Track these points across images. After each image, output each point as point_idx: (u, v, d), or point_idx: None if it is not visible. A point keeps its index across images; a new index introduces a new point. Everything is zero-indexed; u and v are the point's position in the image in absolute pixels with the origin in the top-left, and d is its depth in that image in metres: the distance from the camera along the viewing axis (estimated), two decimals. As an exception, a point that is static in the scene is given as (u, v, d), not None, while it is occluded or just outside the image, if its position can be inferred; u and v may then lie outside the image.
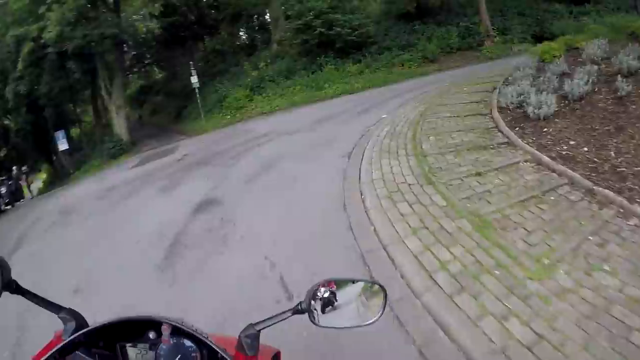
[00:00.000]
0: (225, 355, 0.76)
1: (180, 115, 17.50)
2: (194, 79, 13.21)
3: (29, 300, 0.84)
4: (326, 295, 0.85)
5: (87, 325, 0.84)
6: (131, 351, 0.84)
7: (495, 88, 6.51)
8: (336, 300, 0.86)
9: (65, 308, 0.86)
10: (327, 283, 0.86)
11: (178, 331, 0.81)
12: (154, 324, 0.82)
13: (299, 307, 0.82)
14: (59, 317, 0.85)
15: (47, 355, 0.74)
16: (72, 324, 0.83)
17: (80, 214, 6.62)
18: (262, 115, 12.04)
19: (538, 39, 14.85)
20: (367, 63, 13.66)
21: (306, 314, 0.83)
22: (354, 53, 13.96)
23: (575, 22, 15.55)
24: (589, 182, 3.20)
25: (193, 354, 0.82)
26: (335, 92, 12.19)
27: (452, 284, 2.36)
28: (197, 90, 13.37)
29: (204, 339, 0.78)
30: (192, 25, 19.78)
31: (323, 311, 0.85)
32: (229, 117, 12.90)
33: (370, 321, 0.86)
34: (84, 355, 0.79)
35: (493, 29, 14.32)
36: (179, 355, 0.81)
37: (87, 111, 21.96)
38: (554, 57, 6.43)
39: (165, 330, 0.80)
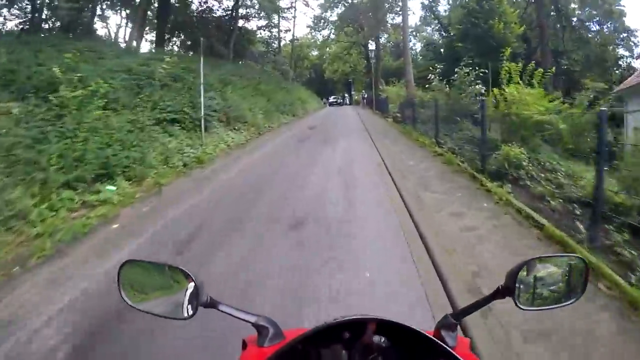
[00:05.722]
0: (448, 349, 0.66)
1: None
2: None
3: (222, 312, 0.79)
4: (526, 275, 0.76)
5: (282, 333, 0.79)
6: (325, 352, 0.73)
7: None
8: (537, 280, 0.77)
9: (260, 316, 0.80)
10: (527, 262, 0.76)
11: (381, 330, 0.72)
12: (350, 325, 0.72)
13: (499, 289, 0.75)
14: (253, 325, 0.79)
15: None
16: (268, 332, 0.77)
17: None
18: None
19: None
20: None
21: (507, 298, 0.75)
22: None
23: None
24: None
25: (389, 352, 0.72)
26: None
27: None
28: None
29: (420, 331, 0.69)
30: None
31: (525, 292, 0.76)
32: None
33: (573, 299, 0.78)
34: None
35: None
36: (374, 354, 0.71)
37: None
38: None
39: (370, 329, 0.71)
